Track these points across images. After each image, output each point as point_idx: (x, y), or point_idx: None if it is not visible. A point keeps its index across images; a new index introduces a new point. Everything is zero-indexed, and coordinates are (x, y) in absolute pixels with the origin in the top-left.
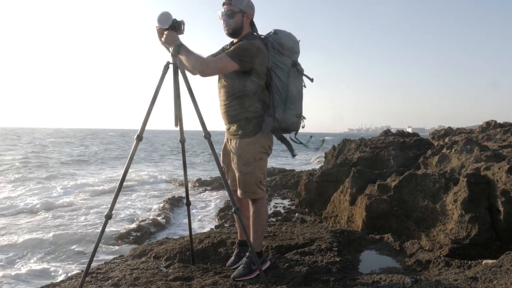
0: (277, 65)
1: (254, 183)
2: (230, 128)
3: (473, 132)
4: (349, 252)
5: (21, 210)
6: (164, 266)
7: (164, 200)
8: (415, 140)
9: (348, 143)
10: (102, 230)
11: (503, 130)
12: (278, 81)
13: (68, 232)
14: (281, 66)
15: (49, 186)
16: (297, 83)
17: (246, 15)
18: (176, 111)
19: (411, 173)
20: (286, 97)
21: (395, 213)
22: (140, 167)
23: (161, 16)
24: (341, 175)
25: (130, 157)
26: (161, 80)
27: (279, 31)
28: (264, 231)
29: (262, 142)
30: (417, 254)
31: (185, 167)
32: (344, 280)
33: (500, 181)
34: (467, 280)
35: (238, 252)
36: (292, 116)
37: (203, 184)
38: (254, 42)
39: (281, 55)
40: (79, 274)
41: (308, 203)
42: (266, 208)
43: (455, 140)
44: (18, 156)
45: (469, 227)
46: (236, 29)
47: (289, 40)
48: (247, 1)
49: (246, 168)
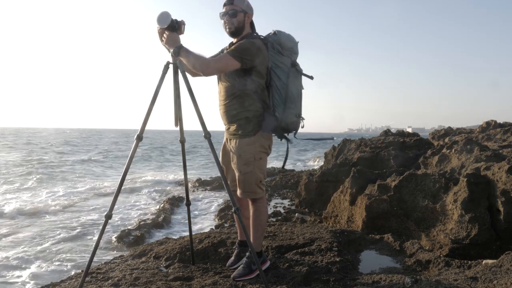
0: (277, 65)
1: (254, 183)
2: (230, 128)
3: (473, 132)
4: (349, 252)
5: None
6: (164, 266)
7: (164, 200)
8: (415, 140)
9: (348, 143)
10: (102, 230)
11: (503, 130)
12: (278, 81)
13: (68, 232)
14: (281, 66)
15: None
16: (297, 83)
17: (247, 15)
18: (176, 111)
19: (411, 173)
20: (286, 96)
21: (395, 213)
22: (145, 170)
23: (160, 16)
24: (341, 175)
25: (130, 157)
26: (161, 80)
27: (278, 32)
28: (264, 231)
29: (262, 142)
30: (417, 254)
31: (185, 167)
32: (344, 280)
33: (500, 181)
34: (467, 280)
35: (238, 252)
36: (292, 116)
37: (203, 184)
38: (255, 41)
39: (280, 55)
40: (79, 274)
41: (308, 203)
42: (266, 208)
43: (455, 140)
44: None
45: (469, 227)
46: (238, 28)
47: (288, 41)
48: (247, 3)
49: (246, 167)
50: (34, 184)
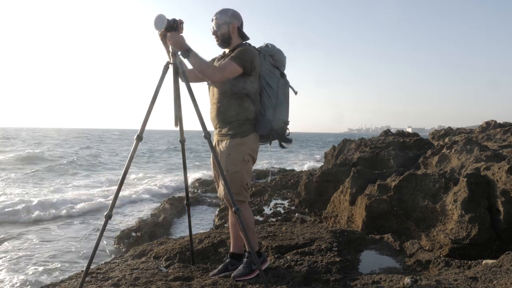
0: (268, 73)
1: (240, 184)
2: (223, 130)
3: (473, 132)
4: (349, 252)
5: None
6: (164, 266)
7: (164, 200)
8: (415, 140)
9: (348, 143)
10: (102, 230)
11: (503, 130)
12: (268, 87)
13: (68, 231)
14: (271, 75)
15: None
16: (285, 92)
17: (231, 25)
18: (176, 111)
19: (411, 173)
20: (276, 103)
21: (395, 213)
22: (145, 170)
23: (156, 20)
24: (341, 175)
25: (130, 157)
26: (161, 80)
27: (270, 45)
28: (253, 231)
29: (251, 145)
30: (417, 254)
31: (185, 167)
32: (344, 280)
33: (500, 181)
34: (467, 280)
35: (227, 264)
36: (280, 122)
37: (203, 184)
38: (251, 48)
39: (271, 66)
40: (79, 274)
41: (308, 203)
42: (250, 211)
43: (455, 140)
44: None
45: (469, 227)
46: (224, 39)
47: (279, 54)
48: (231, 13)
49: (234, 167)
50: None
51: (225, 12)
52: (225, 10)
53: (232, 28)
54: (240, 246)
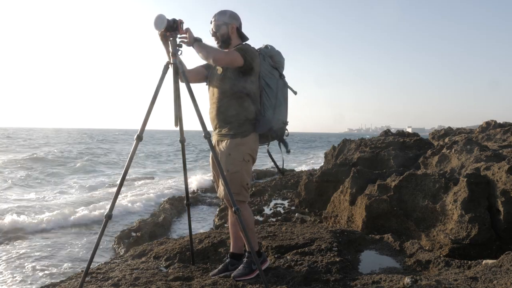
0: (267, 74)
1: (240, 184)
2: (223, 130)
3: (473, 132)
4: (349, 252)
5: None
6: (164, 266)
7: (164, 200)
8: (415, 140)
9: (348, 143)
10: (102, 230)
11: (503, 130)
12: (268, 88)
13: (68, 231)
14: (270, 76)
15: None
16: (284, 92)
17: (230, 25)
18: (176, 111)
19: (411, 173)
20: (275, 103)
21: (395, 213)
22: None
23: (156, 20)
24: (341, 175)
25: (130, 157)
26: (161, 80)
27: (270, 46)
28: (253, 232)
29: (251, 145)
30: (417, 254)
31: (185, 167)
32: (344, 280)
33: (500, 181)
34: (467, 280)
35: (227, 264)
36: (280, 122)
37: (203, 184)
38: (251, 47)
39: (271, 67)
40: (79, 274)
41: (308, 203)
42: (250, 211)
43: (455, 140)
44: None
45: (469, 227)
46: (224, 39)
47: (278, 56)
48: (230, 14)
49: (234, 167)
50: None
51: (223, 13)
52: (223, 11)
53: (231, 29)
54: (240, 246)
